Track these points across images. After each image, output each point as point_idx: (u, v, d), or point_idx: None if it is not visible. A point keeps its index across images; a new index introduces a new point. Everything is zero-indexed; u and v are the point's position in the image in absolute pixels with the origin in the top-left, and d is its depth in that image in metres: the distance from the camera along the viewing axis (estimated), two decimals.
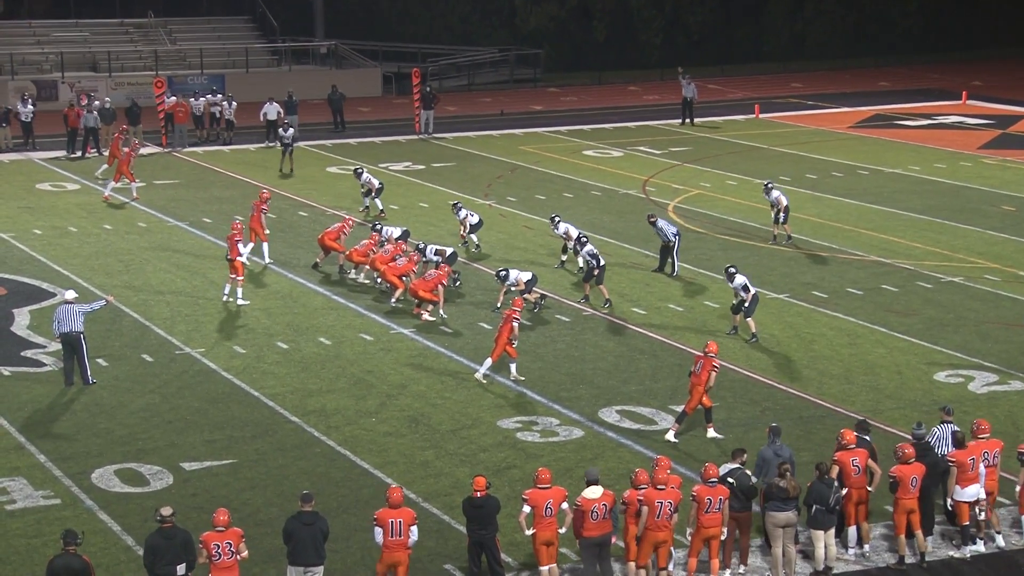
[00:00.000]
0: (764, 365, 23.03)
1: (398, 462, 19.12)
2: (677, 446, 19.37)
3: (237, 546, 14.53)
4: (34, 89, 49.99)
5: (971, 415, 19.09)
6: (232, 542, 14.50)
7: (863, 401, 21.39)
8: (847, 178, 38.71)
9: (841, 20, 67.45)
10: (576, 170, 40.01)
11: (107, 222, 33.31)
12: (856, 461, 16.31)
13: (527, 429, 20.30)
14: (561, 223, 28.72)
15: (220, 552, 14.43)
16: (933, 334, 24.57)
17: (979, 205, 35.06)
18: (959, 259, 29.76)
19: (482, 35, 63.90)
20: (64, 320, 21.98)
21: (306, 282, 28.06)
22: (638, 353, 23.73)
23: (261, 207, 29.40)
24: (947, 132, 46.64)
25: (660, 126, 48.05)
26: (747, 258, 29.73)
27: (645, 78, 60.84)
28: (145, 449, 19.52)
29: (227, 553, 14.46)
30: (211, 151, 43.11)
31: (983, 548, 16.58)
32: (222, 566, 14.45)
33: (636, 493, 15.39)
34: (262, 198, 29.80)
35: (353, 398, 21.61)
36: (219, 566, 14.45)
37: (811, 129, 47.45)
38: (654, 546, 15.36)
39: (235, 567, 14.54)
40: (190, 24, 59.46)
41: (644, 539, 15.34)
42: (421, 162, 41.19)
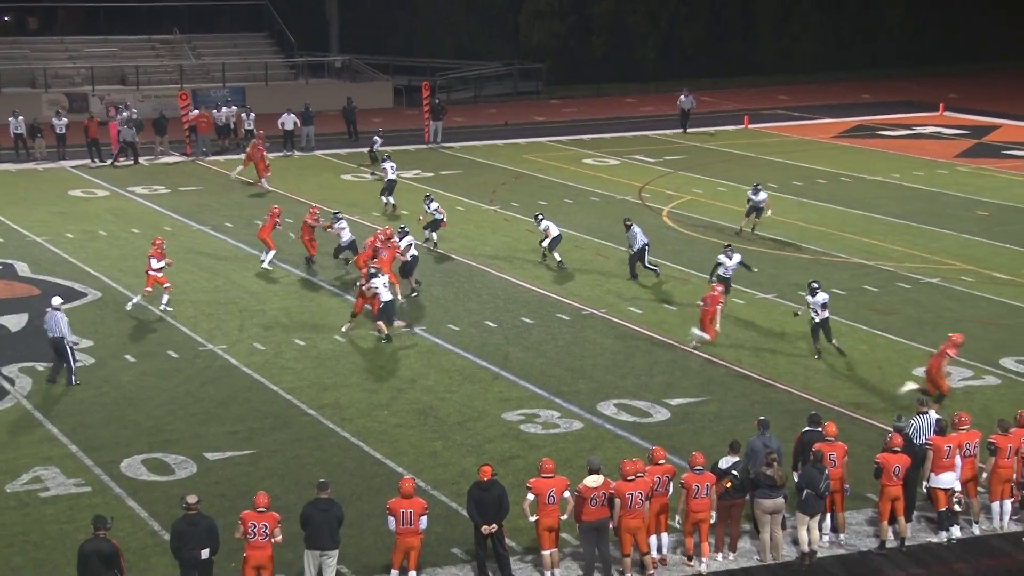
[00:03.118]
0: (752, 361, 23.00)
1: (408, 452, 19.10)
2: (672, 437, 19.32)
3: (272, 529, 14.57)
4: (66, 102, 50.00)
5: (948, 408, 19.04)
6: (268, 524, 14.56)
7: (846, 395, 21.35)
8: (831, 185, 38.65)
9: (825, 37, 67.36)
10: (576, 177, 39.96)
11: (135, 226, 33.30)
12: (833, 455, 16.28)
13: (530, 421, 20.28)
14: (544, 221, 29.34)
15: (256, 532, 14.50)
16: (912, 332, 24.52)
17: (955, 210, 34.99)
18: (936, 261, 29.70)
19: (488, 50, 63.85)
20: (51, 325, 21.64)
21: (322, 283, 28.03)
22: (634, 350, 23.70)
23: (275, 220, 28.92)
24: (925, 142, 46.55)
25: (655, 136, 48.00)
26: None
27: (641, 91, 60.78)
28: (170, 440, 19.51)
29: (261, 534, 14.52)
30: (233, 159, 43.07)
31: (959, 532, 16.55)
32: (255, 545, 14.53)
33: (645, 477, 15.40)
34: (272, 212, 29.22)
35: (366, 392, 21.59)
36: (253, 544, 14.54)
37: (797, 139, 47.38)
38: (631, 533, 15.38)
39: (268, 547, 14.58)
40: (213, 40, 59.42)
41: (620, 528, 15.36)
42: (430, 170, 41.15)
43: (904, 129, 49.14)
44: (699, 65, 63.38)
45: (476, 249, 30.69)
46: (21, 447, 19.21)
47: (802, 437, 16.88)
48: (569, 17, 64.51)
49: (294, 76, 57.82)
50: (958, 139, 46.97)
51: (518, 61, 61.90)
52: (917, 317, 25.47)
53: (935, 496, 16.51)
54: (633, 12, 65.07)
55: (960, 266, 29.22)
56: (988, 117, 51.39)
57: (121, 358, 23.12)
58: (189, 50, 57.59)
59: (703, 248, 30.82)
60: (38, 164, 41.90)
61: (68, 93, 51.64)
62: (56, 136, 42.69)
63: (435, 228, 30.46)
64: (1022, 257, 29.86)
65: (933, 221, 33.62)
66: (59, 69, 53.93)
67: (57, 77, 53.30)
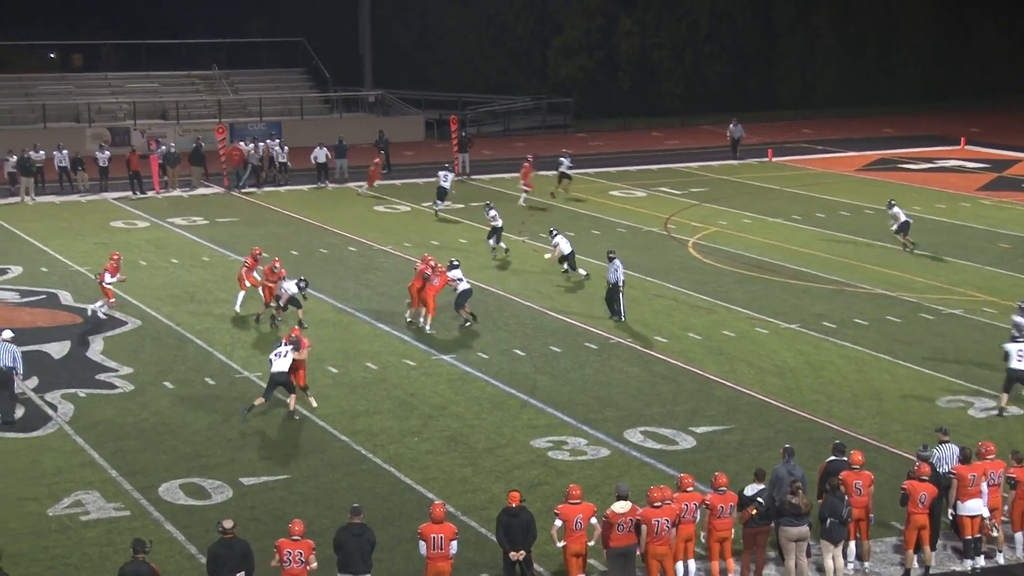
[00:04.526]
0: (778, 390, 22.89)
1: (438, 478, 19.08)
2: (698, 464, 19.21)
3: (307, 556, 14.54)
4: (109, 136, 50.46)
5: (971, 438, 18.89)
6: (303, 552, 14.53)
7: (870, 424, 21.20)
8: (854, 217, 38.51)
9: (848, 71, 67.30)
10: (603, 209, 39.98)
11: (174, 256, 33.52)
12: (859, 484, 16.16)
13: (558, 448, 20.23)
14: (557, 236, 30.45)
15: (291, 559, 14.47)
16: (935, 362, 24.35)
17: (977, 243, 34.79)
18: (959, 293, 29.52)
19: (517, 85, 64.13)
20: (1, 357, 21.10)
21: (355, 312, 28.12)
22: (660, 378, 23.63)
23: (254, 263, 27.71)
24: (947, 175, 46.34)
25: (680, 168, 47.98)
26: (760, 291, 29.63)
27: (667, 125, 60.83)
28: (207, 465, 19.57)
29: (297, 561, 14.48)
30: (268, 191, 43.36)
31: (983, 562, 16.38)
32: (291, 572, 14.49)
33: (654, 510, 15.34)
34: (253, 254, 28.06)
35: (397, 419, 21.60)
36: (288, 572, 14.50)
37: (820, 172, 47.26)
38: (658, 559, 15.30)
39: (303, 575, 14.54)
40: (250, 75, 59.93)
41: (647, 554, 15.29)
42: (460, 201, 41.21)
43: (926, 163, 48.94)
44: (723, 100, 63.43)
45: (505, 279, 30.71)
46: (63, 472, 19.30)
47: (828, 466, 16.76)
48: (596, 53, 64.75)
49: (328, 110, 58.20)
50: (980, 172, 46.74)
51: (546, 95, 62.11)
52: (940, 348, 25.29)
53: (961, 524, 16.36)
54: (658, 48, 65.27)
55: (983, 297, 29.02)
56: (1009, 151, 51.13)
57: (160, 385, 23.23)
58: (227, 85, 58.07)
59: (728, 279, 30.74)
60: (81, 196, 42.28)
61: (111, 127, 52.11)
62: (99, 169, 43.11)
63: (497, 236, 31.91)
64: None
65: (955, 253, 33.43)
66: (102, 104, 54.48)
67: (100, 112, 53.84)
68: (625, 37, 64.91)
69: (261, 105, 55.14)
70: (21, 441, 20.55)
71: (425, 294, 26.27)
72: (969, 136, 53.79)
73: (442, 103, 59.74)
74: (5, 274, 31.59)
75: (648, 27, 65.07)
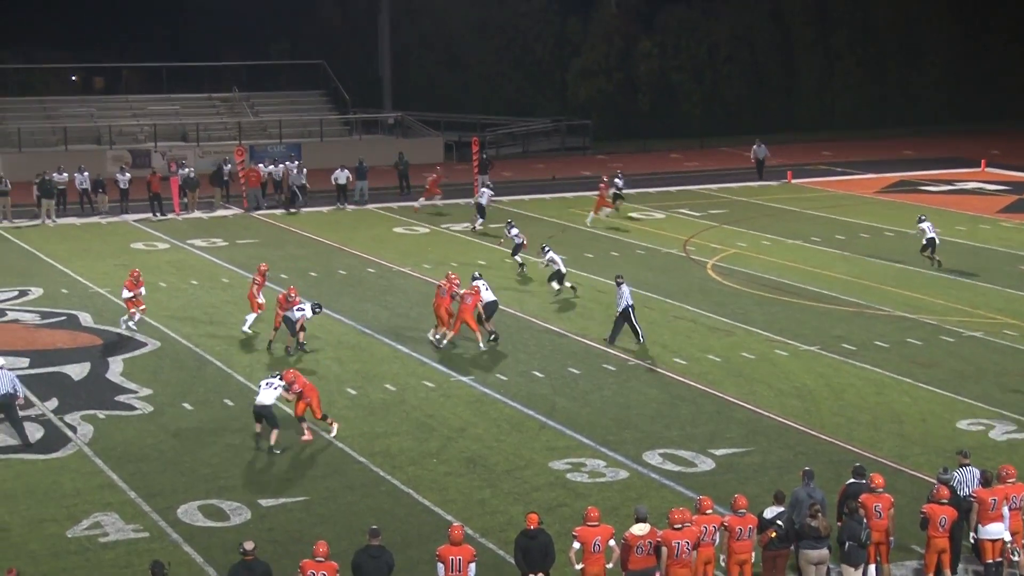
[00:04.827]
0: (798, 412, 22.81)
1: (457, 500, 19.07)
2: (717, 487, 19.15)
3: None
4: (129, 158, 50.76)
5: (992, 461, 18.78)
6: (327, 573, 14.55)
7: (890, 447, 21.11)
8: (874, 239, 38.43)
9: (868, 93, 67.25)
10: (622, 230, 39.99)
11: (193, 278, 33.67)
12: (879, 507, 16.09)
13: (576, 470, 20.20)
14: (549, 252, 30.85)
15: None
16: (955, 385, 24.24)
17: (998, 265, 34.65)
18: (979, 315, 29.39)
19: (536, 106, 64.28)
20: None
21: (374, 333, 28.17)
22: (679, 400, 23.58)
23: (263, 280, 27.98)
24: (967, 197, 46.20)
25: (700, 190, 47.98)
26: (780, 313, 29.57)
27: (686, 146, 60.85)
28: (226, 487, 19.60)
29: None
30: (287, 213, 43.53)
31: None
32: None
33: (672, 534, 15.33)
34: (260, 271, 28.36)
35: (416, 440, 21.61)
36: None
37: (840, 193, 47.19)
38: None
39: None
40: (270, 98, 60.26)
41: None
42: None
43: (946, 184, 48.80)
44: (742, 121, 63.45)
45: (524, 300, 30.74)
46: (82, 493, 19.37)
47: (847, 489, 16.70)
48: (615, 75, 64.89)
49: (348, 132, 58.44)
50: (1000, 195, 46.58)
51: (565, 117, 62.23)
52: (960, 370, 25.18)
53: (982, 548, 16.25)
54: (678, 70, 65.37)
55: (1003, 320, 28.89)
56: None
57: (179, 406, 23.30)
58: (247, 107, 58.39)
59: (747, 301, 30.70)
60: (102, 218, 42.53)
61: (131, 149, 52.44)
62: (119, 191, 43.38)
63: (517, 252, 32.59)
64: None
65: (976, 275, 33.29)
66: (123, 126, 54.84)
67: (121, 134, 54.18)
68: (644, 59, 65.04)
69: (281, 127, 55.42)
70: (41, 462, 20.64)
71: (462, 315, 26.28)
72: (989, 158, 53.62)
73: (461, 125, 59.92)
74: (26, 295, 31.79)
75: (667, 49, 65.19)
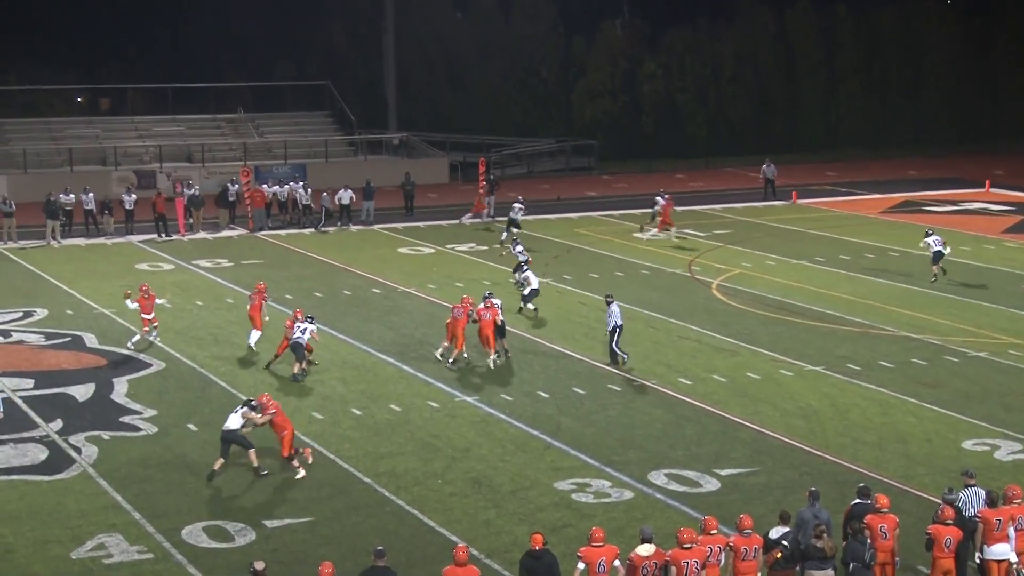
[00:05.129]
0: (803, 433, 22.81)
1: (462, 520, 19.07)
2: (722, 507, 19.13)
3: None
4: (135, 179, 50.94)
5: (997, 482, 18.76)
6: None
7: (895, 467, 21.09)
8: (878, 259, 38.45)
9: (872, 113, 67.38)
10: (627, 251, 40.06)
11: (199, 299, 33.74)
12: (884, 527, 16.07)
13: (581, 491, 20.20)
14: (527, 271, 31.20)
15: None
16: (960, 405, 24.23)
17: (1002, 285, 34.67)
18: (984, 335, 29.39)
19: (541, 127, 64.45)
20: None
21: (378, 353, 28.20)
22: (684, 420, 23.59)
23: (262, 297, 28.37)
24: (971, 217, 46.24)
25: (704, 210, 48.04)
26: (784, 333, 29.58)
27: (691, 167, 60.97)
28: (230, 508, 19.61)
29: None
30: (292, 233, 43.66)
31: None
32: None
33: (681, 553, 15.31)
34: (259, 289, 28.64)
35: (421, 461, 21.62)
36: None
37: (844, 214, 47.26)
38: None
39: None
40: (276, 119, 60.45)
41: None
42: (484, 243, 41.42)
43: (950, 205, 48.85)
44: (747, 142, 63.59)
45: (528, 320, 30.76)
46: (86, 514, 19.38)
47: (852, 509, 16.69)
48: (620, 96, 65.08)
49: (353, 153, 58.61)
50: (1004, 215, 46.62)
51: (571, 138, 62.40)
52: (965, 390, 25.17)
53: (987, 568, 16.22)
54: (682, 91, 65.56)
55: (1008, 340, 28.88)
56: None
57: (183, 427, 23.33)
58: (252, 128, 58.59)
59: (752, 321, 30.71)
60: (108, 239, 42.65)
61: (137, 170, 52.63)
62: (125, 211, 43.52)
63: (518, 271, 32.60)
64: None
65: (981, 296, 33.31)
66: (128, 147, 55.04)
67: (126, 155, 54.38)
68: (649, 80, 65.24)
69: (286, 148, 55.59)
70: (45, 484, 20.66)
71: (484, 331, 26.64)
72: (994, 179, 53.68)
73: (466, 145, 60.09)
74: (31, 316, 31.86)
75: (672, 70, 65.39)
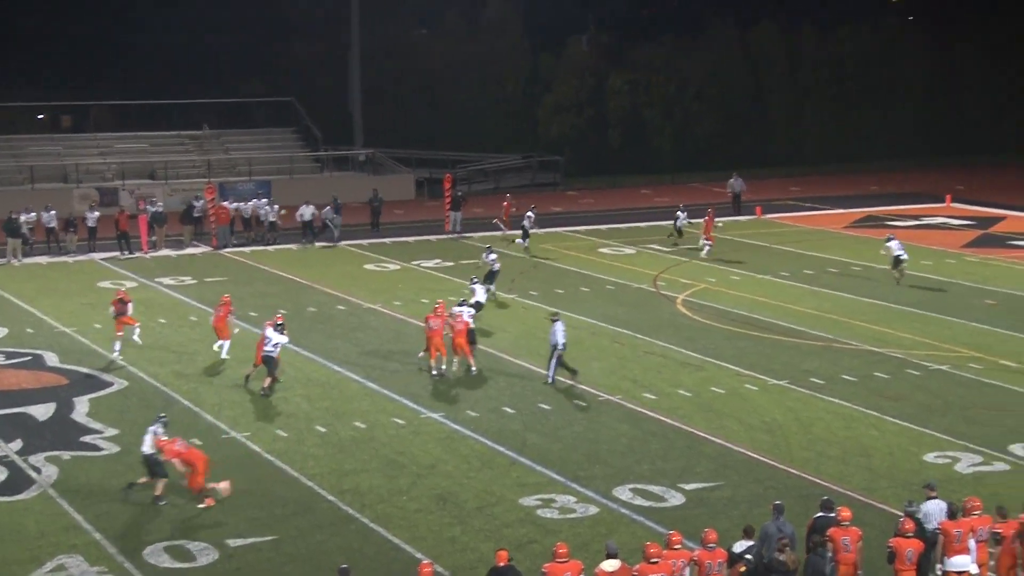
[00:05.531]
0: (767, 447, 22.91)
1: (427, 538, 19.04)
2: (687, 521, 19.17)
3: None
4: (97, 196, 50.61)
5: (958, 494, 18.91)
6: None
7: (858, 480, 21.21)
8: (842, 274, 38.73)
9: (836, 129, 67.91)
10: (592, 266, 40.17)
11: (161, 316, 33.54)
12: (846, 540, 16.17)
13: (547, 506, 20.21)
14: (476, 284, 31.51)
15: None
16: (922, 418, 24.41)
17: (964, 299, 34.98)
18: (946, 349, 29.64)
19: (508, 143, 64.55)
20: None
21: (343, 370, 28.13)
22: (649, 435, 23.65)
23: (228, 309, 29.15)
24: (933, 232, 46.66)
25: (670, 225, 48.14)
26: (749, 347, 29.72)
27: (656, 182, 61.22)
28: (192, 527, 19.48)
29: None
30: (256, 250, 43.52)
31: None
32: None
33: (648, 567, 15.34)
34: (224, 302, 29.29)
35: (386, 478, 21.57)
36: None
37: (809, 229, 47.57)
38: None
39: None
40: (240, 135, 60.24)
41: None
42: (450, 259, 41.43)
43: (912, 220, 49.28)
44: (713, 157, 63.88)
45: (495, 337, 30.77)
46: (46, 535, 19.20)
47: (814, 523, 16.79)
48: (586, 111, 65.30)
49: (319, 169, 58.50)
50: (965, 230, 47.08)
51: (537, 153, 62.53)
52: (926, 403, 25.37)
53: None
54: (648, 106, 65.85)
55: (969, 353, 29.14)
56: (994, 208, 51.52)
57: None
58: (217, 145, 58.39)
59: (717, 336, 30.84)
60: (70, 257, 42.36)
61: (99, 188, 52.30)
62: (87, 229, 43.25)
63: (491, 280, 33.36)
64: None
65: (942, 309, 33.59)
66: (91, 165, 54.70)
67: (89, 172, 54.04)
68: (615, 95, 65.52)
69: (251, 164, 55.42)
70: (4, 504, 20.46)
71: (457, 339, 27.09)
72: (955, 193, 54.21)
73: (432, 161, 60.10)
74: None
75: (638, 86, 65.70)
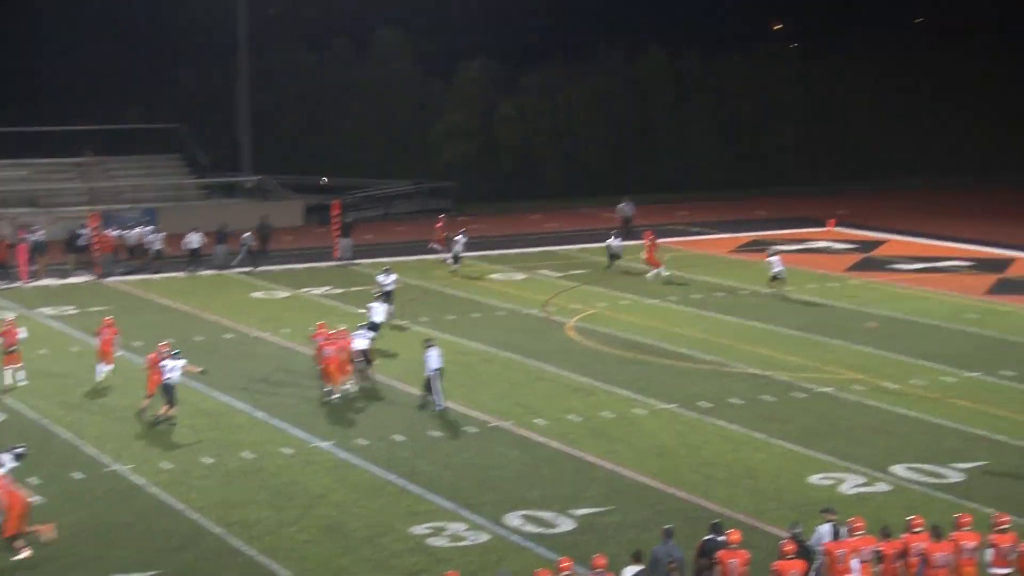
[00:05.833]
0: (657, 470, 23.10)
1: (315, 570, 18.79)
2: (578, 547, 19.20)
3: None
4: None
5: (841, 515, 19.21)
6: None
7: (745, 503, 21.48)
8: (728, 298, 39.31)
9: (722, 155, 69.12)
10: (483, 292, 40.20)
11: (43, 347, 32.68)
12: (734, 563, 16.34)
13: (437, 534, 20.10)
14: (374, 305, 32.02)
15: None
16: (807, 440, 24.84)
17: (846, 322, 35.73)
18: (830, 371, 30.23)
19: (399, 169, 64.40)
20: None
21: (231, 400, 27.70)
22: (540, 460, 23.69)
23: (113, 331, 29.22)
24: (817, 256, 47.64)
25: (560, 251, 48.52)
26: (639, 372, 29.98)
27: (546, 208, 61.54)
28: (70, 564, 18.98)
29: None
30: (142, 279, 42.72)
31: None
32: None
33: None
34: (107, 323, 29.48)
35: (274, 508, 21.26)
36: None
37: (696, 253, 48.23)
38: None
39: None
40: (125, 162, 59.01)
41: None
42: (340, 286, 41.13)
43: (797, 244, 50.22)
44: (602, 182, 64.45)
45: (385, 364, 30.57)
46: None
47: (703, 546, 16.94)
48: (477, 137, 65.50)
49: (207, 196, 57.68)
50: (848, 253, 48.14)
51: (428, 180, 62.50)
52: (811, 426, 25.83)
53: None
54: (538, 133, 66.32)
55: (851, 375, 29.75)
56: (876, 232, 52.76)
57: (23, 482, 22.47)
58: (101, 172, 57.22)
59: (607, 361, 31.06)
60: None
61: None
62: None
63: (389, 300, 33.74)
64: (909, 367, 30.51)
65: (826, 332, 34.26)
66: None
67: None
68: (505, 122, 65.85)
69: (135, 192, 54.40)
70: None
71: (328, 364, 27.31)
72: (838, 218, 55.43)
73: (323, 188, 59.66)
74: None
75: (528, 112, 66.14)
